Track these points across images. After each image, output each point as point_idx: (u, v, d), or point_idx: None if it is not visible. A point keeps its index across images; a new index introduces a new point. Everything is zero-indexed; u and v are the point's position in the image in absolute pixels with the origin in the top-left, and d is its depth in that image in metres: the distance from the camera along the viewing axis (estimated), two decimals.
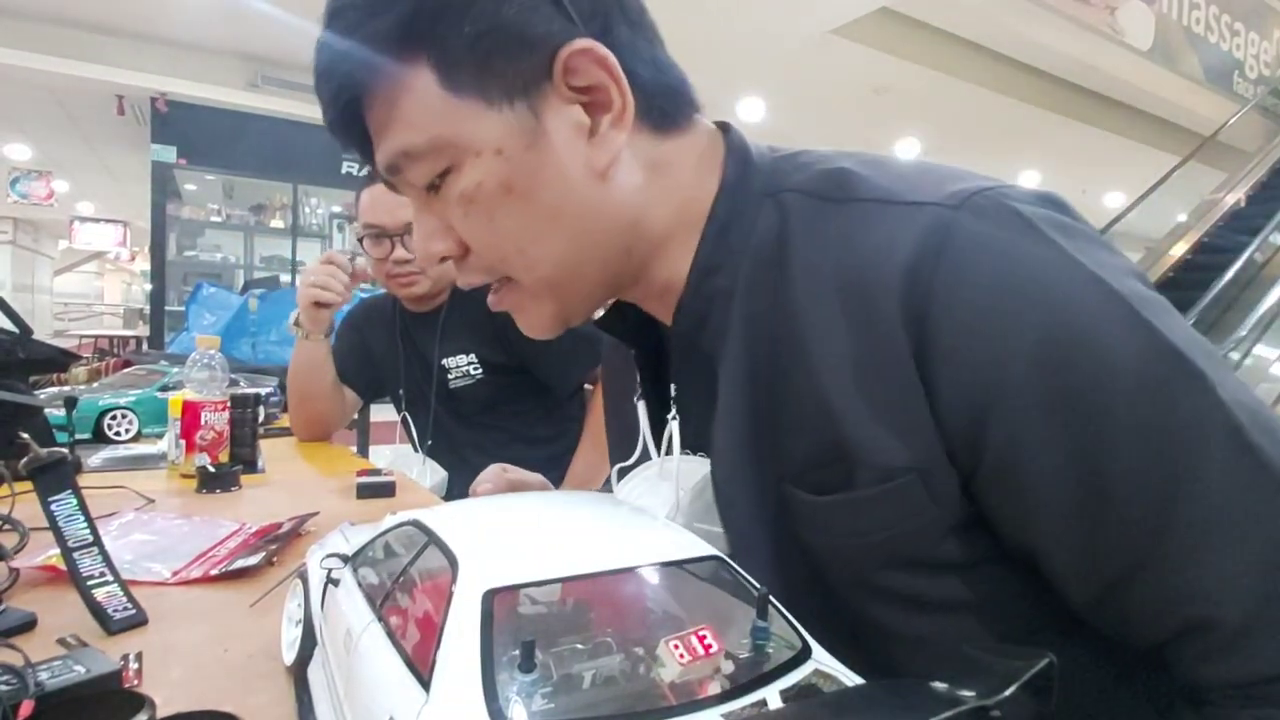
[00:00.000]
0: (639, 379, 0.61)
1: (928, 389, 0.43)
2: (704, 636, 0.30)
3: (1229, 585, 0.39)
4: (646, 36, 0.52)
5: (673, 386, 0.57)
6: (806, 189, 0.51)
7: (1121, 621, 0.43)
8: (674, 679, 0.29)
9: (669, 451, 0.56)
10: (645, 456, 0.59)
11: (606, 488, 0.64)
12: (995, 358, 0.41)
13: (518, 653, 0.28)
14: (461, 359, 1.45)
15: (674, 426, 0.55)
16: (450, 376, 1.46)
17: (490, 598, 0.30)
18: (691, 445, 0.56)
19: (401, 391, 1.54)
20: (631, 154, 0.51)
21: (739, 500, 0.51)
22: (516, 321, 0.57)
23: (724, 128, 0.57)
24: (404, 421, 1.50)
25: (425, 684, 0.29)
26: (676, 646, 0.29)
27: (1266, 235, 4.98)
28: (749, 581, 0.35)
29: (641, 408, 0.60)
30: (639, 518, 0.42)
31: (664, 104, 0.52)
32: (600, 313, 0.61)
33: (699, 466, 0.55)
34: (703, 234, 0.53)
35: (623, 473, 0.60)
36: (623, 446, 0.62)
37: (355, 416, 1.75)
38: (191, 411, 1.17)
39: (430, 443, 1.45)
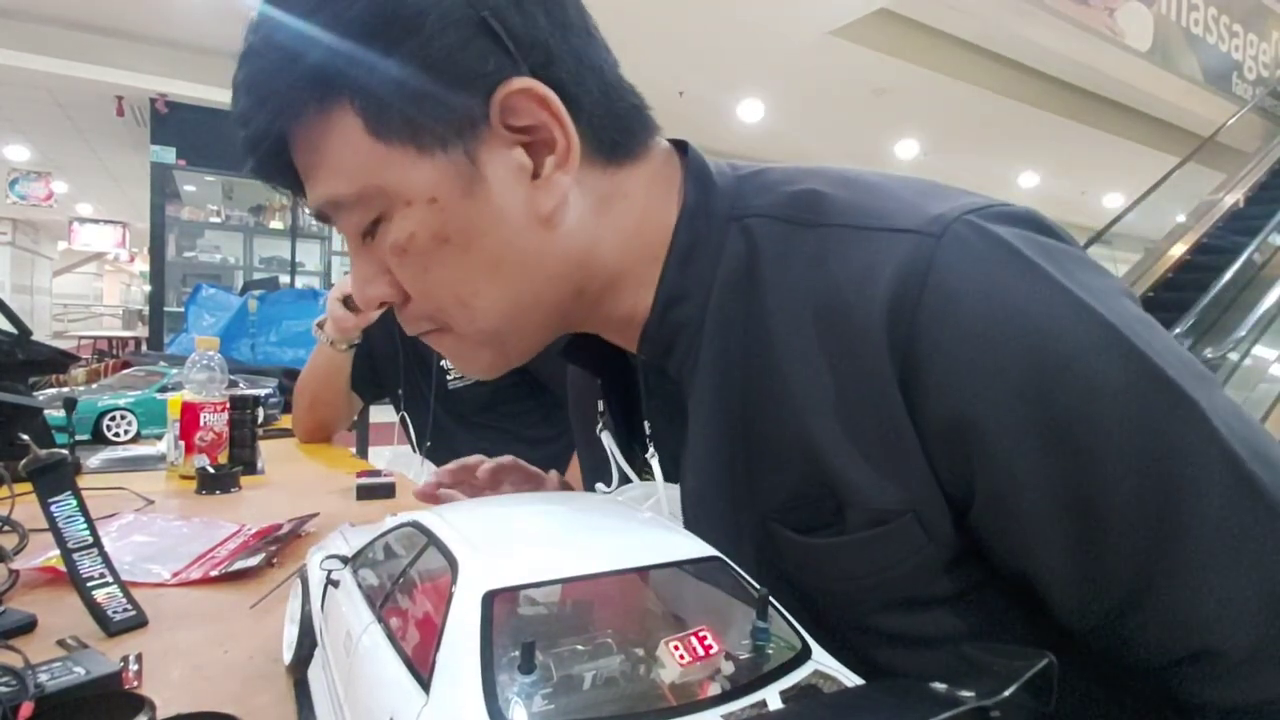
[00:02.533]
0: (601, 409, 0.59)
1: (916, 425, 0.41)
2: (704, 637, 0.30)
3: (1233, 616, 0.39)
4: (594, 60, 0.48)
5: (646, 425, 0.55)
6: (775, 213, 0.48)
7: (1122, 647, 0.42)
8: (674, 680, 0.29)
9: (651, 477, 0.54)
10: (625, 481, 0.58)
11: None
12: (982, 393, 0.39)
13: (518, 654, 0.28)
14: None
15: (654, 465, 0.53)
16: (449, 377, 1.46)
17: (490, 599, 0.30)
18: (668, 476, 0.54)
19: (400, 391, 1.54)
20: (579, 191, 0.47)
21: (712, 533, 0.48)
22: (453, 364, 0.54)
23: (681, 147, 0.54)
24: (402, 421, 1.50)
25: (425, 685, 0.29)
26: (676, 647, 0.29)
27: (1265, 236, 4.98)
28: (749, 582, 0.35)
29: (606, 438, 0.57)
30: (639, 518, 0.42)
31: (615, 134, 0.49)
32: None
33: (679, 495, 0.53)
34: (665, 263, 0.50)
35: None
36: (598, 473, 0.59)
37: (355, 418, 1.75)
38: (191, 413, 1.17)
39: (429, 444, 1.45)
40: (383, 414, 1.75)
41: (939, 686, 0.27)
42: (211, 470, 1.12)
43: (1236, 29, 7.15)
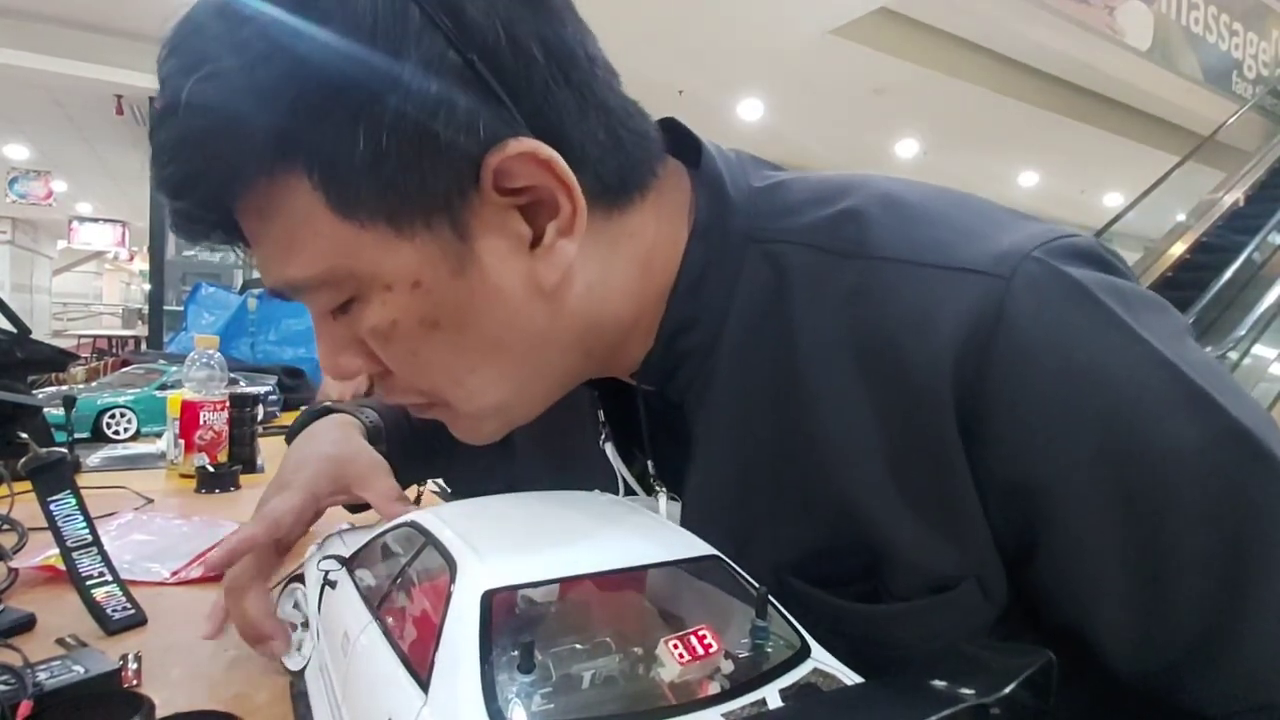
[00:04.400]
0: (602, 421, 0.55)
1: (978, 483, 0.38)
2: (703, 636, 0.30)
3: None
4: (599, 93, 0.41)
5: (650, 464, 0.51)
6: (807, 240, 0.43)
7: (1176, 694, 0.40)
8: (673, 679, 0.29)
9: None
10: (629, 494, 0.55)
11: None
12: (1056, 453, 0.37)
13: (517, 653, 0.28)
14: None
15: (662, 499, 0.50)
16: None
17: (489, 598, 0.30)
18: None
19: None
20: (585, 250, 0.41)
21: None
22: (454, 433, 0.49)
23: (693, 151, 0.48)
24: None
25: (424, 685, 0.29)
26: (676, 646, 0.29)
27: (1265, 235, 4.99)
28: (748, 581, 0.35)
29: (610, 449, 0.54)
30: (639, 517, 0.42)
31: (622, 174, 0.42)
32: None
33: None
34: (673, 289, 0.45)
35: None
36: (570, 474, 0.55)
37: None
38: (190, 411, 1.17)
39: None
40: None
41: (939, 684, 0.27)
42: (211, 469, 1.12)
43: (1236, 27, 7.15)
